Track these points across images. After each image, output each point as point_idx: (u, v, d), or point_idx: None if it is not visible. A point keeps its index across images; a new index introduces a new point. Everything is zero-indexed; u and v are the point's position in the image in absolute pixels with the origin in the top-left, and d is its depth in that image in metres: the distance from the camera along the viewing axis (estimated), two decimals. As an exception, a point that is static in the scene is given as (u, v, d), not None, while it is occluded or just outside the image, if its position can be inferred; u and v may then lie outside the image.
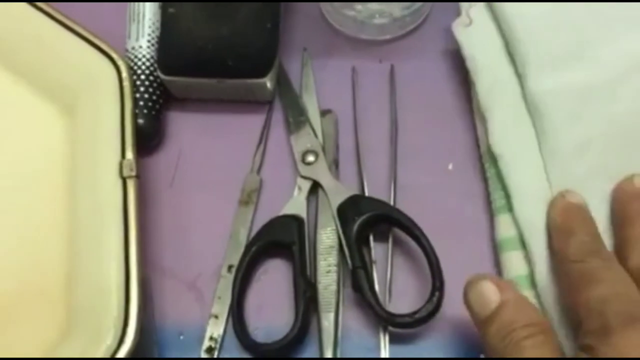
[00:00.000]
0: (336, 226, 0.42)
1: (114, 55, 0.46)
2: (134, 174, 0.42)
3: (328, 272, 0.41)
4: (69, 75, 0.47)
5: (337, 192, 0.43)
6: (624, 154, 0.40)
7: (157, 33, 0.48)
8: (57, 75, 0.47)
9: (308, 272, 0.41)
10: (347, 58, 0.50)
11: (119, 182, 0.42)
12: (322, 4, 0.50)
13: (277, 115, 0.49)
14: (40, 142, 0.47)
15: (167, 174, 0.47)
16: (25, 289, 0.42)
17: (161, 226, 0.45)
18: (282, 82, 0.48)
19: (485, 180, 0.44)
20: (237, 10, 0.44)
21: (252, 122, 0.48)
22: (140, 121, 0.45)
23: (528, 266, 0.40)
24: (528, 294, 0.39)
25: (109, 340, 0.38)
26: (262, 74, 0.45)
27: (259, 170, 0.46)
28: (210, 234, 0.44)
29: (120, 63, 0.46)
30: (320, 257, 0.41)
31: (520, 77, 0.43)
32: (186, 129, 0.48)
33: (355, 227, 0.41)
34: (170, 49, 0.45)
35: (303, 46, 0.50)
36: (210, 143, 0.48)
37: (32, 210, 0.45)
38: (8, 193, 0.45)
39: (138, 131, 0.44)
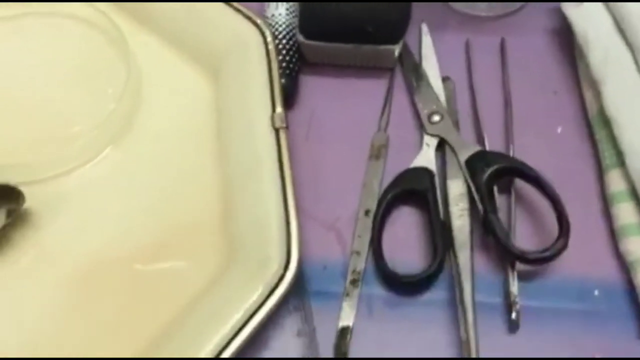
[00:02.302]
0: (465, 177, 0.47)
1: (259, 22, 0.51)
2: (284, 125, 0.48)
3: (461, 215, 0.46)
4: (217, 40, 0.52)
5: (463, 147, 0.48)
6: None
7: (295, 1, 0.53)
8: (206, 41, 0.53)
9: (442, 216, 0.46)
10: (460, 32, 0.55)
11: (272, 132, 0.47)
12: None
13: (398, 81, 0.54)
14: (190, 99, 0.52)
15: (301, 129, 0.52)
16: (187, 223, 0.47)
17: (300, 174, 0.49)
18: (403, 51, 0.53)
19: (593, 141, 0.49)
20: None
21: (375, 86, 0.54)
22: (282, 81, 0.50)
23: (639, 215, 0.45)
24: (637, 239, 0.44)
25: (275, 267, 0.43)
26: (395, 41, 0.50)
27: (385, 129, 0.51)
28: (344, 183, 0.50)
29: (265, 28, 0.51)
30: (452, 203, 0.46)
31: (633, 49, 0.48)
32: (317, 90, 0.53)
33: (485, 177, 0.46)
34: (312, 15, 0.50)
35: (419, 20, 0.54)
36: (339, 104, 0.53)
37: (188, 157, 0.50)
38: (168, 143, 0.50)
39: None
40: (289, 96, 0.52)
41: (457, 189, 0.47)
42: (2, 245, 0.45)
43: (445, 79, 0.53)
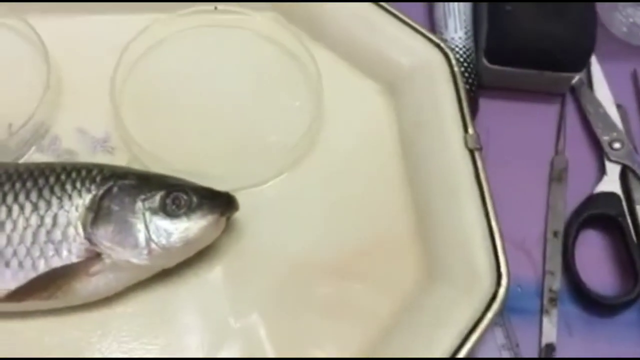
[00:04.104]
0: (654, 203, 0.49)
1: (443, 45, 0.53)
2: (478, 146, 0.49)
3: (655, 241, 0.47)
4: (397, 59, 0.54)
5: (650, 174, 0.50)
6: None
7: (471, 26, 0.55)
8: (385, 59, 0.54)
9: (635, 241, 0.48)
10: (625, 62, 0.57)
11: (466, 152, 0.49)
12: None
13: (568, 106, 0.56)
14: (368, 115, 0.54)
15: (480, 149, 0.53)
16: (381, 240, 0.49)
17: (482, 193, 0.51)
18: (575, 77, 0.55)
19: None
20: (568, 10, 0.51)
21: (547, 111, 0.55)
22: (464, 103, 0.52)
23: None
24: None
25: (486, 284, 0.44)
26: (578, 69, 0.52)
27: (563, 152, 0.53)
28: (526, 204, 0.51)
29: (448, 51, 0.53)
30: (644, 228, 0.48)
31: None
32: (491, 112, 0.55)
33: (675, 204, 0.47)
34: (500, 41, 0.52)
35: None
36: (514, 126, 0.55)
37: (373, 173, 0.51)
38: (352, 158, 0.51)
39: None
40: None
41: (647, 214, 0.48)
42: (209, 250, 0.46)
43: (618, 107, 0.54)
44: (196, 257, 0.45)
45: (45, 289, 0.40)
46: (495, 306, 0.43)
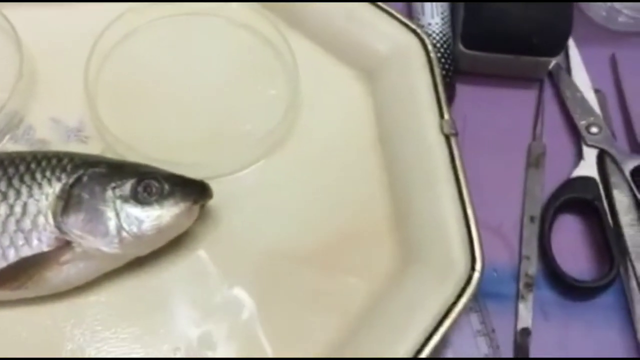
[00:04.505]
0: (631, 187, 0.48)
1: (419, 31, 0.52)
2: (454, 131, 0.49)
3: (632, 225, 0.47)
4: (375, 45, 0.53)
5: (627, 158, 0.50)
6: None
7: (448, 12, 0.55)
8: (363, 45, 0.54)
9: (611, 225, 0.48)
10: (603, 46, 0.57)
11: (442, 138, 0.49)
12: None
13: (546, 91, 0.55)
14: (346, 102, 0.53)
15: (456, 135, 0.53)
16: (358, 224, 0.48)
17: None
18: (552, 62, 0.55)
19: None
20: (545, -6, 0.51)
21: (525, 96, 0.55)
22: (439, 88, 0.52)
23: None
24: None
25: (462, 268, 0.44)
26: (556, 53, 0.52)
27: (541, 138, 0.53)
28: (503, 190, 0.51)
29: (425, 37, 0.52)
30: (620, 213, 0.48)
31: None
32: (468, 98, 0.55)
33: (655, 187, 0.47)
34: (476, 26, 0.52)
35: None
36: (491, 112, 0.55)
37: (351, 159, 0.51)
38: (329, 145, 0.51)
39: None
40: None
41: (624, 198, 0.48)
42: (184, 238, 0.46)
43: (596, 91, 0.54)
44: (171, 245, 0.45)
45: (16, 278, 0.40)
46: (470, 291, 0.43)
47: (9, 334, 0.42)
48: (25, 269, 0.40)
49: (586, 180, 0.49)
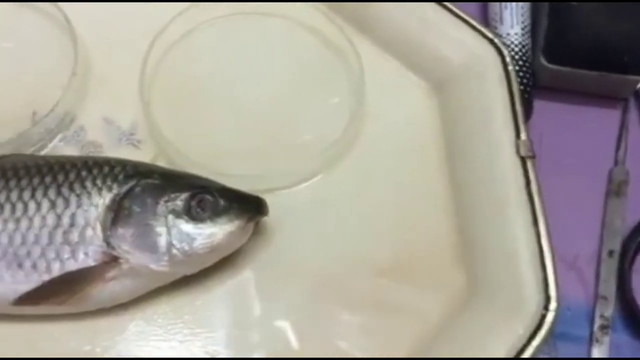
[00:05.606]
0: None
1: (497, 41, 0.49)
2: (531, 154, 0.45)
3: None
4: (447, 54, 0.50)
5: None
6: None
7: (529, 21, 0.50)
8: (434, 54, 0.50)
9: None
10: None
11: (517, 160, 0.45)
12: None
13: (632, 112, 0.51)
14: (412, 111, 0.50)
15: (531, 153, 0.49)
16: (418, 253, 0.45)
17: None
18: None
19: None
20: (638, 8, 0.46)
21: (608, 116, 0.51)
22: (517, 104, 0.48)
23: None
24: None
25: (533, 307, 0.40)
26: (646, 73, 0.47)
27: (624, 162, 0.49)
28: (581, 218, 0.47)
29: (503, 48, 0.48)
30: None
31: None
32: (546, 115, 0.51)
33: None
34: (562, 39, 0.48)
35: None
36: (570, 131, 0.51)
37: (415, 173, 0.48)
38: (393, 155, 0.48)
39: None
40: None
41: None
42: (233, 256, 0.44)
43: (687, 115, 0.50)
44: (221, 263, 0.42)
45: (58, 294, 0.38)
46: (542, 333, 0.40)
47: (47, 347, 0.41)
48: (69, 285, 0.38)
49: (675, 214, 0.45)
